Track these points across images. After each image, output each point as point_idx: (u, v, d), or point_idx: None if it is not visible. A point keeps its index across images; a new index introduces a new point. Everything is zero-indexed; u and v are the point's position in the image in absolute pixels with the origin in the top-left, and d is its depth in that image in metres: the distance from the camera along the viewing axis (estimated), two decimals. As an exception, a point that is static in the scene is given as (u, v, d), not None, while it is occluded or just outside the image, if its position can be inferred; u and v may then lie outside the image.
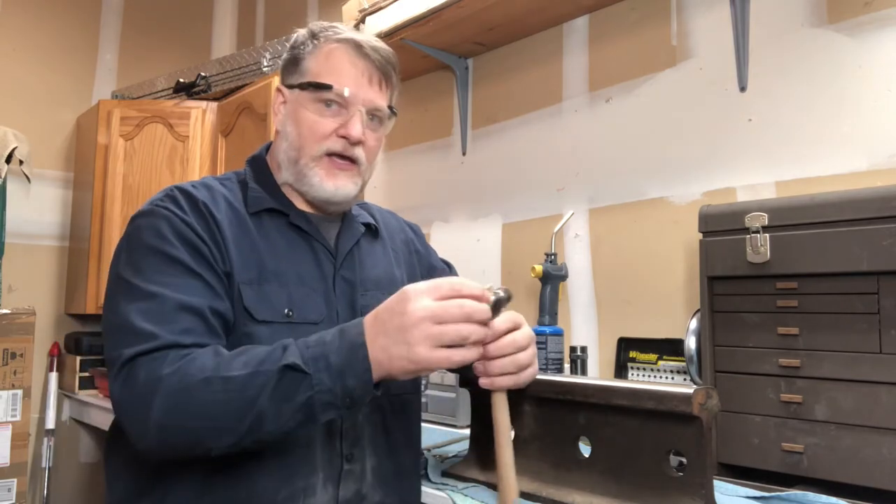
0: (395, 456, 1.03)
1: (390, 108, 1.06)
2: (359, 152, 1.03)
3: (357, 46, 1.02)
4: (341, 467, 0.95)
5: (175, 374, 0.81)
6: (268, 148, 1.12)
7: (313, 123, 1.01)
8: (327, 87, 1.01)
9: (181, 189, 0.99)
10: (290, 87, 1.05)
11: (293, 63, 1.06)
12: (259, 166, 1.09)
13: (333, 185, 1.02)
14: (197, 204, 0.96)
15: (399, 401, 1.05)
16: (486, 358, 0.90)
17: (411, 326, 0.80)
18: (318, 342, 0.83)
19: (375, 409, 1.01)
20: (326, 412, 0.82)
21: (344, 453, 0.96)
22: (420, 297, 0.81)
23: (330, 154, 1.02)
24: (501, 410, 0.93)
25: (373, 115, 1.04)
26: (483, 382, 0.92)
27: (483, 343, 0.87)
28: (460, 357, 0.82)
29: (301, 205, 1.06)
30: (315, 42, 1.04)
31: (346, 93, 1.00)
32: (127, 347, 0.84)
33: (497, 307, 0.87)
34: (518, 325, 0.92)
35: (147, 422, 0.81)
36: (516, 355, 0.91)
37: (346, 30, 1.05)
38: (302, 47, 1.05)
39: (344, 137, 1.01)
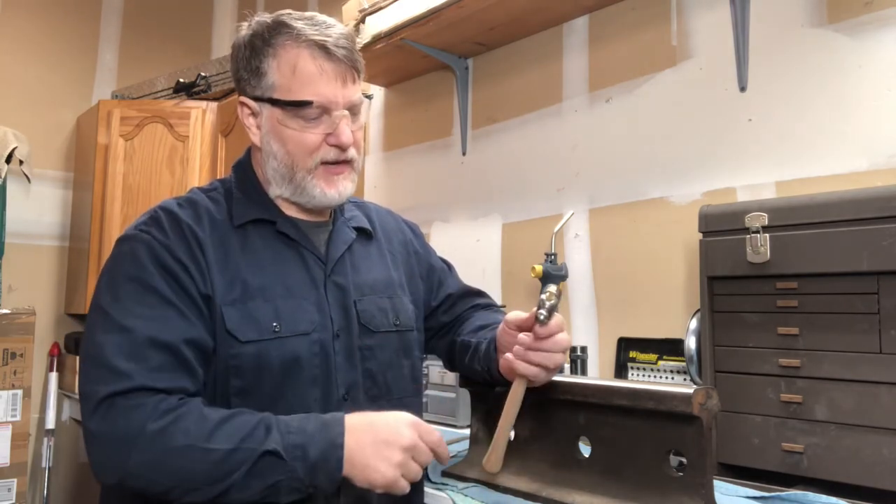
0: None
1: (365, 95, 1.05)
2: (352, 153, 1.01)
3: (321, 48, 0.97)
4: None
5: (159, 433, 0.83)
6: (251, 151, 1.09)
7: (300, 139, 0.98)
8: (307, 104, 0.96)
9: (165, 210, 0.98)
10: (257, 99, 1.00)
11: (253, 74, 1.00)
12: (244, 173, 1.06)
13: (336, 191, 1.01)
14: (180, 225, 0.96)
15: (400, 403, 1.04)
16: (534, 348, 0.97)
17: (398, 449, 0.88)
18: (299, 429, 0.87)
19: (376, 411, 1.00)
20: (290, 495, 0.86)
21: None
22: (414, 428, 0.90)
23: (324, 163, 1.00)
24: (517, 397, 0.99)
25: (353, 111, 1.01)
26: (518, 367, 0.98)
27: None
28: (407, 490, 0.90)
29: (290, 211, 1.04)
30: (270, 49, 0.98)
31: (328, 103, 0.97)
32: (101, 384, 0.85)
33: (551, 312, 0.96)
34: (563, 329, 1.00)
35: (121, 470, 0.84)
36: (556, 355, 0.98)
37: (297, 23, 0.98)
38: (258, 55, 0.99)
39: (335, 146, 0.99)
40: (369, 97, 1.04)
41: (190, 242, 0.95)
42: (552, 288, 0.97)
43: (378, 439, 0.87)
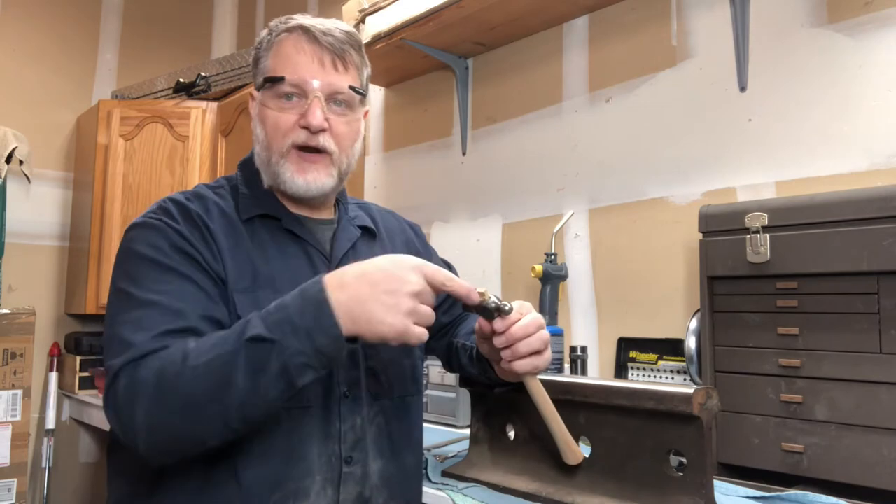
0: (398, 458, 1.02)
1: (353, 88, 1.01)
2: (325, 140, 1.00)
3: (305, 31, 0.99)
4: (341, 470, 0.95)
5: (151, 375, 0.81)
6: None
7: (276, 119, 0.99)
8: (279, 80, 0.98)
9: (174, 200, 0.99)
10: (258, 89, 1.04)
11: (255, 64, 1.05)
12: (250, 170, 1.07)
13: (304, 179, 1.00)
14: (190, 214, 0.96)
15: (401, 403, 1.05)
16: (511, 341, 0.95)
17: (405, 296, 0.81)
18: (279, 307, 0.82)
19: (378, 411, 1.01)
20: (304, 375, 0.80)
21: (343, 456, 0.95)
22: (419, 272, 0.84)
23: (297, 147, 0.99)
24: (541, 391, 0.98)
25: (335, 99, 1.00)
26: (516, 366, 0.96)
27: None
28: (424, 336, 0.84)
29: (293, 207, 1.05)
30: (269, 37, 1.03)
31: (301, 80, 0.97)
32: (115, 358, 0.84)
33: (499, 311, 0.94)
34: (527, 312, 0.98)
35: (134, 429, 0.81)
36: (540, 333, 0.97)
37: (299, 17, 1.02)
38: (260, 46, 1.04)
39: (305, 128, 0.98)
40: (361, 93, 1.02)
41: (201, 229, 0.95)
42: (480, 289, 0.96)
43: (379, 290, 0.80)
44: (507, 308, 0.95)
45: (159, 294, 0.88)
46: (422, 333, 0.83)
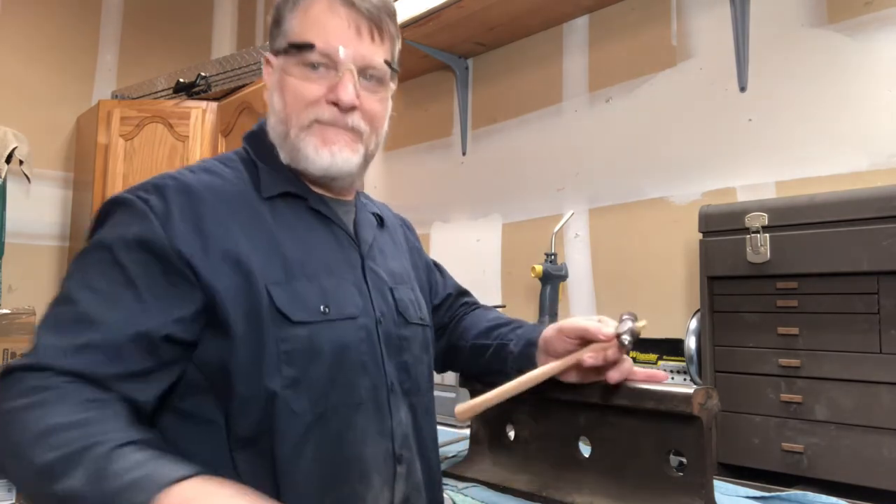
0: (427, 457, 0.95)
1: (388, 63, 0.90)
2: (355, 120, 0.88)
3: None
4: (395, 469, 0.87)
5: (6, 414, 0.69)
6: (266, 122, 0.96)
7: (298, 88, 0.86)
8: (309, 47, 0.85)
9: (175, 178, 0.84)
10: (276, 53, 0.90)
11: (276, 25, 0.90)
12: (262, 143, 0.93)
13: (329, 152, 0.87)
14: (189, 196, 0.82)
15: (424, 400, 0.97)
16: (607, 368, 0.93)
17: None
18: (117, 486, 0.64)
19: (409, 408, 0.93)
20: None
21: (396, 454, 0.87)
22: None
23: (321, 123, 0.87)
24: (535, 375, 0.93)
25: (368, 73, 0.88)
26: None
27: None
28: None
29: (316, 188, 0.93)
30: None
31: (333, 50, 0.85)
32: (23, 357, 0.73)
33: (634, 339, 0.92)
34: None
35: None
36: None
37: None
38: (283, 5, 0.90)
39: (334, 104, 0.86)
40: (395, 70, 0.92)
41: (199, 213, 0.81)
42: (642, 323, 0.95)
43: None
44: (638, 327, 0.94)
45: (90, 291, 0.76)
46: None
